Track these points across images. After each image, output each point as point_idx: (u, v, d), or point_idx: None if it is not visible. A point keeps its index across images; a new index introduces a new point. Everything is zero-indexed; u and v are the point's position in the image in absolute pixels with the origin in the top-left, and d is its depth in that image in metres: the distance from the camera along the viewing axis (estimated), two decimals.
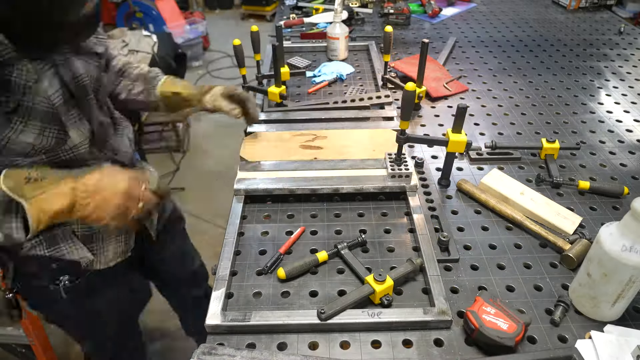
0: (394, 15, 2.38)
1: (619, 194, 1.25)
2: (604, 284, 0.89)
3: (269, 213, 1.24)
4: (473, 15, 2.53)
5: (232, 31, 6.11)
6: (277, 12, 2.64)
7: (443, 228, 1.16)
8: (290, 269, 1.03)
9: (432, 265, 1.03)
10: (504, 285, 1.03)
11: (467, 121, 1.55)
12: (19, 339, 1.94)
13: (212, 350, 0.86)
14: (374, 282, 0.96)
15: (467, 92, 1.78)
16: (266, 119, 1.56)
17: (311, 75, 1.89)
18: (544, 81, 1.85)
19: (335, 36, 1.94)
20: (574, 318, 0.96)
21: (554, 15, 2.51)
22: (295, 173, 1.27)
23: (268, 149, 1.39)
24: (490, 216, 1.21)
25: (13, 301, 1.28)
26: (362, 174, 1.26)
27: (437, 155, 1.45)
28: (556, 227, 1.15)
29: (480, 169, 1.39)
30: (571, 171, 1.37)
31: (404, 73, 1.81)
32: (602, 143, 1.49)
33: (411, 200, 1.22)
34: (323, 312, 0.92)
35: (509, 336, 0.86)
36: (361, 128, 1.49)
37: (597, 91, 1.78)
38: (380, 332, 0.93)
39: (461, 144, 1.23)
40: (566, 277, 1.04)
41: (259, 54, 1.63)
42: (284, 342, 0.92)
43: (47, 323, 2.34)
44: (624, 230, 0.85)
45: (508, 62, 2.01)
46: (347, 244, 1.10)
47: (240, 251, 1.12)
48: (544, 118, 1.61)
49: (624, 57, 2.03)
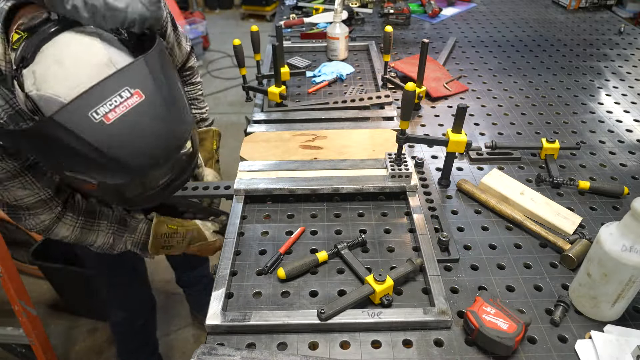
0: (394, 15, 2.37)
1: (619, 194, 1.25)
2: (604, 284, 0.89)
3: (269, 213, 1.24)
4: (473, 15, 2.53)
5: (232, 31, 6.11)
6: (277, 12, 2.64)
7: (443, 228, 1.16)
8: (290, 269, 1.03)
9: (432, 265, 1.03)
10: (504, 285, 1.03)
11: (467, 121, 1.55)
12: (19, 339, 1.94)
13: (212, 350, 0.86)
14: (374, 282, 0.96)
15: (467, 92, 1.78)
16: (266, 119, 1.56)
17: (311, 75, 1.89)
18: (544, 81, 1.85)
19: (335, 36, 1.94)
20: (574, 318, 0.96)
21: (554, 15, 2.51)
22: (295, 173, 1.27)
23: (268, 149, 1.39)
24: (490, 216, 1.21)
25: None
26: (362, 174, 1.26)
27: (437, 155, 1.45)
28: (556, 227, 1.15)
29: (480, 169, 1.39)
30: (571, 171, 1.37)
31: (404, 73, 1.81)
32: (602, 143, 1.49)
33: (411, 200, 1.22)
34: (323, 312, 0.92)
35: (509, 336, 0.86)
36: (361, 128, 1.49)
37: (597, 91, 1.78)
38: (380, 332, 0.93)
39: (461, 144, 1.22)
40: (566, 277, 1.04)
41: (259, 54, 1.63)
42: (284, 342, 0.92)
43: (46, 323, 2.34)
44: (624, 230, 0.85)
45: (508, 62, 2.01)
46: (347, 244, 1.10)
47: (240, 251, 1.12)
48: (544, 118, 1.61)
49: (624, 57, 2.03)
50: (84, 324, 2.47)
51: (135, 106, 0.76)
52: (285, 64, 1.76)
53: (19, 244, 2.59)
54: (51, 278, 2.39)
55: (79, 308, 2.50)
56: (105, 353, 2.32)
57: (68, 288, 2.40)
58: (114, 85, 0.75)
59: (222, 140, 1.62)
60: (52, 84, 0.77)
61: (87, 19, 0.78)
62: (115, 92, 0.75)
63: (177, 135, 0.85)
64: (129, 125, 0.76)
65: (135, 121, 0.77)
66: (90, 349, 2.35)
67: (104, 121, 0.74)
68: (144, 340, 1.95)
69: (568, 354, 0.89)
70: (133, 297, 1.79)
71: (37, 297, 2.57)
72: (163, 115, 0.81)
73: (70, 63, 0.78)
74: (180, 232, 1.30)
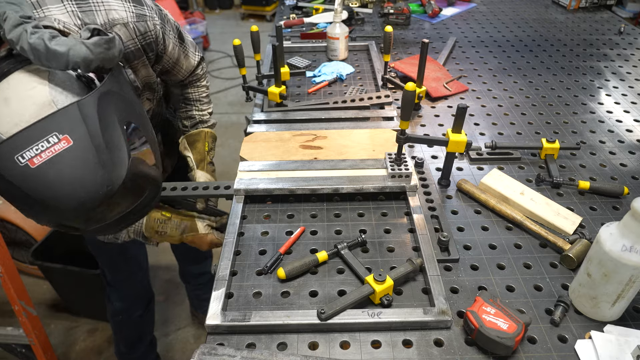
0: (394, 15, 2.38)
1: (619, 194, 1.25)
2: (604, 284, 0.89)
3: (269, 213, 1.24)
4: (473, 15, 2.53)
5: (232, 31, 6.11)
6: (277, 12, 2.64)
7: (443, 228, 1.16)
8: (290, 269, 1.03)
9: (432, 265, 1.03)
10: (504, 285, 1.03)
11: (467, 121, 1.55)
12: (19, 339, 1.94)
13: (212, 350, 0.86)
14: (374, 282, 0.96)
15: (467, 92, 1.78)
16: (266, 119, 1.56)
17: (311, 75, 1.89)
18: (544, 81, 1.85)
19: (335, 36, 1.94)
20: (574, 318, 0.96)
21: (554, 15, 2.51)
22: (295, 173, 1.27)
23: (268, 149, 1.39)
24: (490, 216, 1.22)
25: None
26: (362, 174, 1.26)
27: (437, 155, 1.45)
28: (556, 227, 1.15)
29: (480, 169, 1.39)
30: (571, 171, 1.37)
31: (404, 73, 1.81)
32: (602, 143, 1.49)
33: (411, 200, 1.22)
34: (323, 312, 0.92)
35: (509, 336, 0.86)
36: (361, 128, 1.49)
37: (597, 91, 1.78)
38: (380, 332, 0.93)
39: (461, 144, 1.23)
40: (566, 277, 1.04)
41: (259, 54, 1.63)
42: (284, 342, 0.92)
43: (46, 323, 2.34)
44: (624, 230, 0.85)
45: (508, 62, 2.01)
46: (347, 244, 1.10)
47: (240, 251, 1.12)
48: (544, 118, 1.61)
49: (624, 57, 2.03)
50: (84, 324, 2.47)
51: (61, 152, 0.78)
52: (285, 64, 1.76)
53: (19, 244, 2.59)
54: (51, 278, 2.39)
55: (79, 308, 2.50)
56: (105, 353, 2.33)
57: (68, 288, 2.40)
58: (43, 130, 0.77)
59: (222, 140, 1.62)
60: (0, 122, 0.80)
61: (34, 60, 0.80)
62: (43, 137, 0.76)
63: (107, 181, 0.84)
64: (54, 170, 0.78)
65: (60, 166, 0.78)
66: (90, 349, 2.35)
67: (29, 165, 0.76)
68: (140, 332, 1.98)
69: (568, 354, 0.89)
70: (134, 289, 1.84)
71: (37, 297, 2.57)
72: (92, 161, 0.81)
73: (14, 102, 0.80)
74: (174, 220, 1.34)
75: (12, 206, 0.90)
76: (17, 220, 2.45)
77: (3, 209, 2.45)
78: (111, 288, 1.81)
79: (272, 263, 1.07)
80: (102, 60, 0.84)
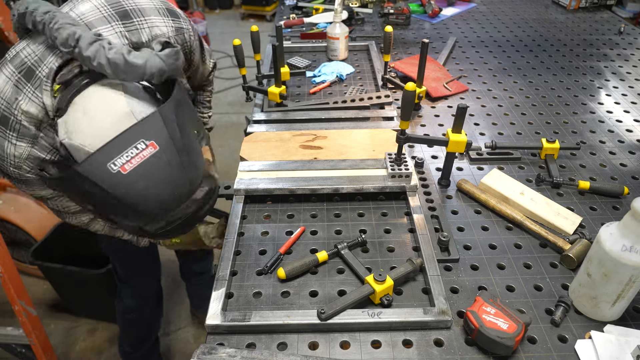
0: (394, 15, 2.38)
1: (619, 194, 1.25)
2: (604, 284, 0.89)
3: (269, 213, 1.24)
4: (473, 15, 2.53)
5: (232, 31, 6.11)
6: (277, 12, 2.64)
7: (443, 228, 1.16)
8: (290, 269, 1.03)
9: (432, 265, 1.03)
10: (504, 285, 1.03)
11: (467, 121, 1.55)
12: (19, 339, 1.94)
13: (212, 350, 0.86)
14: (374, 282, 0.96)
15: (467, 92, 1.78)
16: (266, 119, 1.56)
17: (311, 75, 1.89)
18: (544, 81, 1.85)
19: (335, 36, 1.94)
20: (574, 318, 0.96)
21: (554, 15, 2.51)
22: (295, 173, 1.27)
23: (268, 149, 1.39)
24: (490, 216, 1.22)
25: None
26: (362, 174, 1.26)
27: (437, 155, 1.45)
28: (556, 227, 1.15)
29: (480, 169, 1.39)
30: (571, 171, 1.37)
31: (404, 73, 1.81)
32: (602, 143, 1.49)
33: (411, 200, 1.22)
34: (323, 312, 0.92)
35: (509, 336, 0.86)
36: (361, 128, 1.49)
37: (597, 91, 1.78)
38: (380, 332, 0.93)
39: (461, 144, 1.23)
40: (566, 277, 1.04)
41: (259, 54, 1.63)
42: (284, 342, 0.92)
43: (46, 323, 2.35)
44: (624, 230, 0.85)
45: (508, 62, 2.01)
46: (347, 244, 1.10)
47: (240, 251, 1.12)
48: (544, 118, 1.61)
49: (624, 57, 2.03)
50: (84, 324, 2.46)
51: (149, 157, 0.83)
52: (285, 64, 1.76)
53: (19, 244, 2.59)
54: (51, 278, 2.39)
55: (79, 308, 2.50)
56: (105, 353, 2.32)
57: (68, 288, 2.40)
58: (131, 138, 0.82)
59: (222, 140, 1.62)
60: (79, 134, 0.87)
61: (111, 75, 0.85)
62: (132, 144, 0.82)
63: (190, 181, 0.92)
64: (144, 174, 0.84)
65: (149, 170, 0.84)
66: (90, 349, 2.35)
67: (121, 172, 0.82)
68: (149, 330, 1.99)
69: (568, 354, 0.89)
70: (146, 286, 1.86)
71: (37, 297, 2.57)
72: (176, 163, 0.87)
73: (95, 115, 0.87)
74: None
75: (13, 208, 0.95)
76: (17, 220, 2.45)
77: (3, 209, 2.44)
78: (123, 285, 1.82)
79: (272, 263, 1.07)
80: (173, 70, 0.90)
